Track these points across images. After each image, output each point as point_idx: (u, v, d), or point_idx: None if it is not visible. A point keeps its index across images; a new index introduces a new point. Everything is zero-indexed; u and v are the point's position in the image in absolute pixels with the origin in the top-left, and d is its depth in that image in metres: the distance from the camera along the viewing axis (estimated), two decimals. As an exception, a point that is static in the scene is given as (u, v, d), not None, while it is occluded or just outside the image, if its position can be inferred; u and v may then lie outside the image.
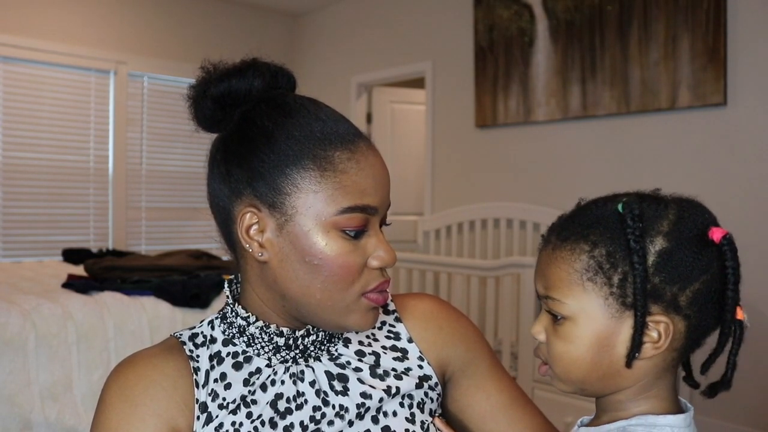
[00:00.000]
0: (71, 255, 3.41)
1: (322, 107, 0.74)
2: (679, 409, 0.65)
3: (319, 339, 0.76)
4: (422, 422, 0.76)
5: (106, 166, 4.21)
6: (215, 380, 0.73)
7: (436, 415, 0.80)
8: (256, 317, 0.74)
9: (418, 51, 4.19)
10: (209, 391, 0.72)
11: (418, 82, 4.63)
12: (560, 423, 2.42)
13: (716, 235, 0.59)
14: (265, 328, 0.73)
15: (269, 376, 0.74)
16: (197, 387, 0.72)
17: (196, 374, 0.73)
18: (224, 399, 0.71)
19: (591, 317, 0.62)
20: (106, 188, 4.21)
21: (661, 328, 0.60)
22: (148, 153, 4.36)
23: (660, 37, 2.93)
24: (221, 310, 0.79)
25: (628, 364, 0.61)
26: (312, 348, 0.76)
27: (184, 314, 2.31)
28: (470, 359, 0.84)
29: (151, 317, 2.23)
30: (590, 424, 0.68)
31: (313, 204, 0.68)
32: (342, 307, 0.70)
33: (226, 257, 4.01)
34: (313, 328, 0.75)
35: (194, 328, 0.79)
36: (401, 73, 4.34)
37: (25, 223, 3.93)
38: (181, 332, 0.78)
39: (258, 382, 0.73)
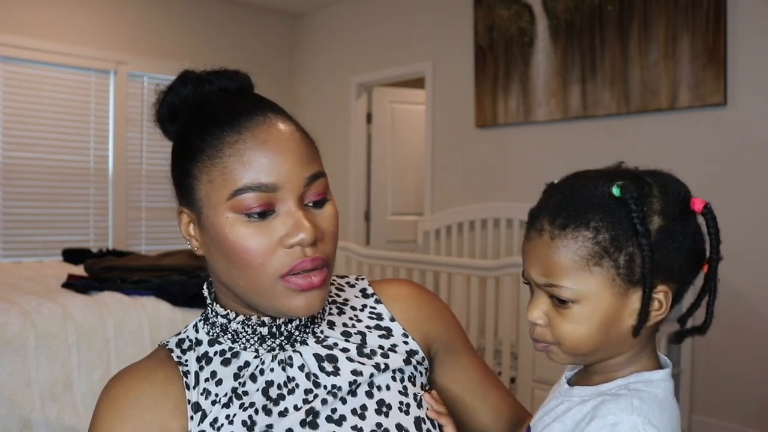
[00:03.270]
0: (71, 255, 3.41)
1: (230, 98, 0.74)
2: (662, 365, 0.70)
3: (303, 322, 0.76)
4: (415, 395, 0.78)
5: (106, 166, 4.21)
6: (206, 379, 0.73)
7: (427, 389, 0.81)
8: (236, 313, 0.74)
9: (418, 51, 4.19)
10: (201, 391, 0.72)
11: (418, 82, 4.63)
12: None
13: (698, 205, 0.65)
14: (246, 322, 0.74)
15: (257, 366, 0.74)
16: (188, 389, 0.72)
17: (186, 377, 0.73)
18: (216, 395, 0.72)
19: (599, 298, 0.65)
20: (106, 188, 4.21)
21: (662, 297, 0.65)
22: (148, 153, 4.36)
23: (660, 37, 2.93)
24: (203, 312, 0.80)
25: (637, 333, 0.66)
26: (297, 332, 0.76)
27: (184, 314, 2.31)
28: (450, 338, 0.88)
29: (151, 317, 2.23)
30: (580, 383, 0.72)
31: (210, 193, 0.69)
32: (264, 292, 0.69)
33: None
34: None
35: (180, 334, 0.79)
36: (401, 73, 4.34)
37: (25, 223, 3.93)
38: (168, 340, 0.79)
39: (247, 374, 0.74)
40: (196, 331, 0.78)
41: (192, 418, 0.71)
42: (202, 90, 0.76)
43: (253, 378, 0.73)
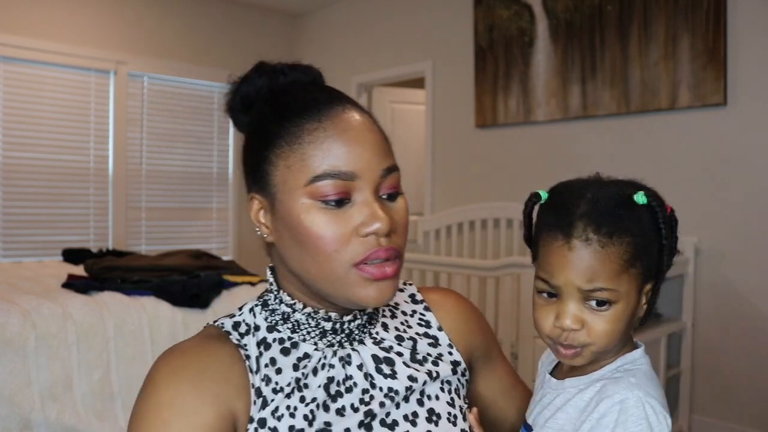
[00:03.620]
0: (71, 255, 3.41)
1: (309, 88, 0.75)
2: (636, 345, 0.78)
3: (362, 322, 0.77)
4: (460, 407, 0.80)
5: (106, 166, 4.21)
6: (266, 365, 0.73)
7: (470, 408, 0.83)
8: (304, 304, 0.74)
9: (418, 51, 4.19)
10: (262, 377, 0.71)
11: (418, 82, 4.63)
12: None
13: (669, 208, 0.74)
14: (313, 314, 0.74)
15: (320, 359, 0.73)
16: (251, 372, 0.71)
17: (248, 361, 0.72)
18: (277, 383, 0.71)
19: (629, 296, 0.71)
20: (106, 188, 4.21)
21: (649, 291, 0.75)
22: (148, 153, 4.36)
23: (660, 37, 2.93)
24: (261, 297, 0.79)
25: (642, 324, 0.76)
26: (356, 331, 0.76)
27: (184, 314, 2.31)
28: (487, 347, 0.91)
29: (151, 317, 2.23)
30: (571, 375, 0.76)
31: (287, 178, 0.69)
32: (336, 281, 0.69)
33: (226, 257, 4.01)
34: (359, 312, 0.76)
35: (234, 316, 0.78)
36: (401, 73, 4.34)
37: (25, 223, 3.93)
38: (221, 322, 0.77)
39: (310, 366, 0.73)
40: (254, 315, 0.77)
41: (254, 403, 0.70)
42: (276, 81, 0.77)
43: (314, 371, 0.73)
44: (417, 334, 0.83)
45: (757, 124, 2.69)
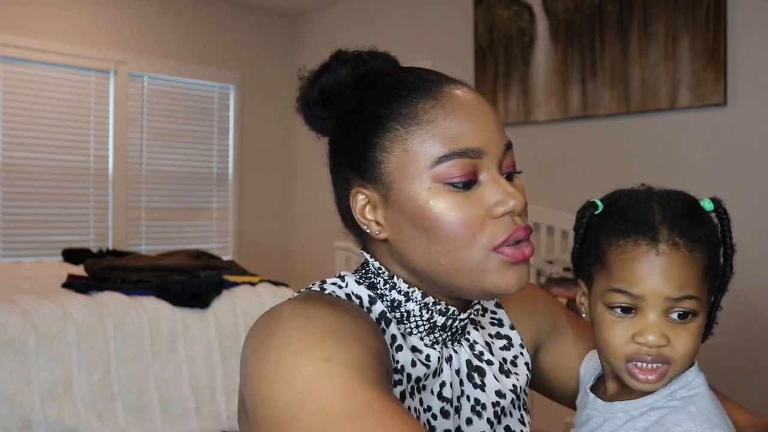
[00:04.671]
0: (71, 255, 3.41)
1: (408, 69, 0.70)
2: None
3: (465, 322, 0.71)
4: (529, 422, 0.76)
5: (106, 166, 4.21)
6: (390, 343, 0.66)
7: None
8: (423, 292, 0.67)
9: (418, 51, 4.19)
10: (391, 356, 0.65)
11: (418, 82, 4.62)
12: (560, 423, 2.42)
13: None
14: (433, 306, 0.67)
15: (439, 360, 0.68)
16: (390, 346, 0.65)
17: (383, 333, 0.65)
18: (401, 365, 0.65)
19: (704, 307, 0.66)
20: (106, 188, 4.21)
21: None
22: (148, 153, 4.36)
23: (660, 37, 2.93)
24: (363, 277, 0.70)
25: (704, 340, 0.69)
26: (459, 332, 0.71)
27: (184, 314, 2.31)
28: (552, 320, 0.84)
29: (151, 317, 2.23)
30: (620, 398, 0.70)
31: (405, 164, 0.63)
32: (472, 269, 0.62)
33: (226, 257, 4.00)
34: (465, 311, 0.70)
35: (338, 286, 0.69)
36: (401, 73, 4.33)
37: (25, 223, 3.93)
38: (331, 290, 0.68)
39: (432, 366, 0.67)
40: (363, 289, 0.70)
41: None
42: (358, 70, 0.72)
43: (435, 373, 0.68)
44: (490, 335, 0.77)
45: (757, 124, 2.69)
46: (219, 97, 4.66)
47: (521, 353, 0.78)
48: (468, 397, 0.69)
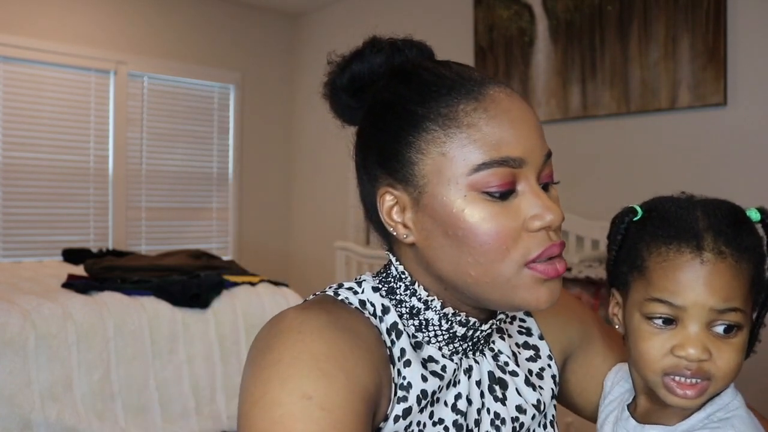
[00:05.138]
0: (71, 255, 3.41)
1: (446, 64, 0.66)
2: None
3: (489, 332, 0.68)
4: None
5: (106, 166, 4.21)
6: (398, 357, 0.63)
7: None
8: (443, 302, 0.64)
9: (418, 51, 4.19)
10: (397, 370, 0.63)
11: (418, 82, 4.62)
12: (561, 423, 2.42)
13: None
14: (453, 316, 0.64)
15: (455, 371, 0.65)
16: (391, 363, 0.63)
17: (389, 350, 0.63)
18: (408, 381, 0.63)
19: (750, 321, 0.63)
20: (106, 188, 4.21)
21: None
22: (148, 153, 4.36)
23: (660, 37, 2.93)
24: (382, 281, 0.68)
25: (749, 354, 0.64)
26: (482, 342, 0.68)
27: (184, 314, 2.31)
28: (583, 331, 0.80)
29: (151, 317, 2.23)
30: (653, 421, 0.66)
31: (442, 168, 0.59)
32: (503, 283, 0.59)
33: (226, 257, 3.99)
34: (487, 322, 0.67)
35: (354, 291, 0.67)
36: (401, 73, 4.33)
37: (25, 223, 3.93)
38: (345, 296, 0.66)
39: (446, 378, 0.65)
40: (380, 297, 0.67)
41: (394, 397, 0.61)
42: (392, 59, 0.68)
43: (449, 384, 0.65)
44: (517, 344, 0.74)
45: (757, 124, 2.70)
46: (219, 97, 4.66)
47: (549, 365, 0.74)
48: (488, 410, 0.66)
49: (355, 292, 0.67)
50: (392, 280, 0.67)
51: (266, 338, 0.59)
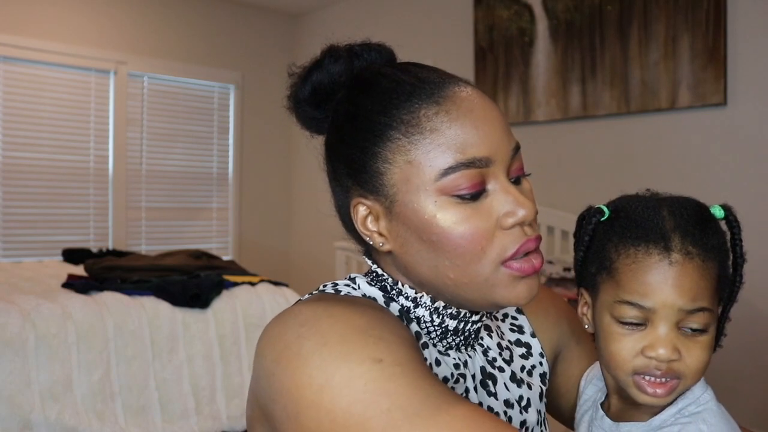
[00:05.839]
0: (71, 255, 3.41)
1: (406, 68, 0.66)
2: None
3: (478, 326, 0.68)
4: None
5: (106, 166, 4.21)
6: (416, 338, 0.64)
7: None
8: (432, 297, 0.64)
9: (417, 51, 4.19)
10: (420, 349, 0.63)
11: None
12: (560, 426, 2.42)
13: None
14: (443, 310, 0.64)
15: (454, 363, 0.66)
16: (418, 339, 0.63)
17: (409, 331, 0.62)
18: (425, 360, 0.63)
19: (715, 320, 0.64)
20: (106, 188, 4.21)
21: None
22: (148, 153, 4.36)
23: (660, 37, 2.93)
24: (373, 280, 0.68)
25: (716, 348, 0.66)
26: (472, 336, 0.68)
27: (184, 314, 2.31)
28: (571, 331, 0.81)
29: (151, 317, 2.23)
30: (626, 419, 0.67)
31: (410, 175, 0.59)
32: (481, 283, 0.60)
33: (226, 257, 3.99)
34: (477, 313, 0.67)
35: (354, 288, 0.67)
36: (401, 73, 4.33)
37: (25, 223, 3.93)
38: (345, 290, 0.66)
39: (454, 374, 0.66)
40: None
41: None
42: (352, 66, 0.67)
43: (456, 379, 0.66)
44: (510, 342, 0.74)
45: (757, 124, 2.69)
46: (219, 97, 4.66)
47: (540, 362, 0.75)
48: (481, 404, 0.67)
49: (354, 288, 0.67)
50: (381, 279, 0.67)
51: (291, 332, 0.57)
